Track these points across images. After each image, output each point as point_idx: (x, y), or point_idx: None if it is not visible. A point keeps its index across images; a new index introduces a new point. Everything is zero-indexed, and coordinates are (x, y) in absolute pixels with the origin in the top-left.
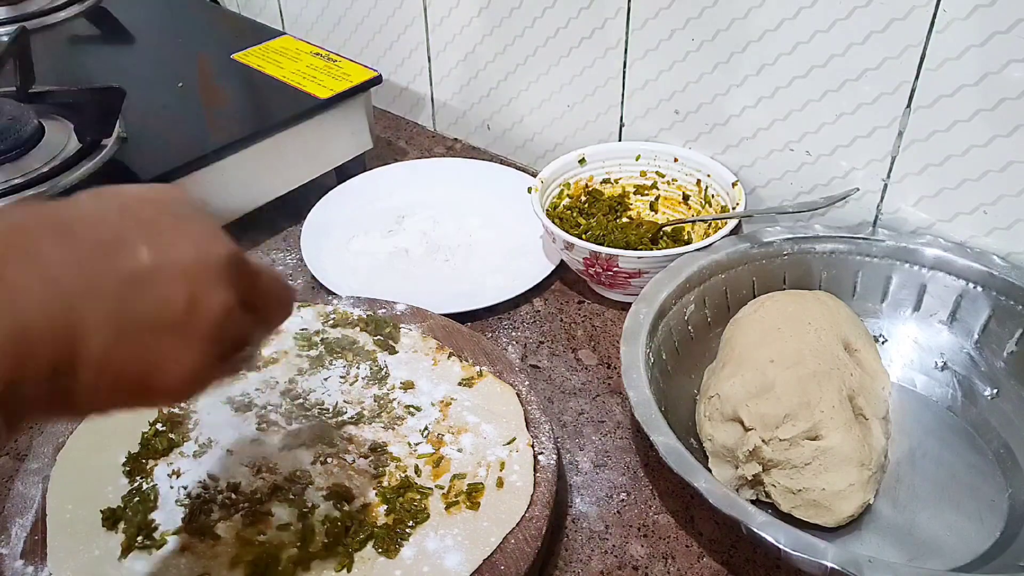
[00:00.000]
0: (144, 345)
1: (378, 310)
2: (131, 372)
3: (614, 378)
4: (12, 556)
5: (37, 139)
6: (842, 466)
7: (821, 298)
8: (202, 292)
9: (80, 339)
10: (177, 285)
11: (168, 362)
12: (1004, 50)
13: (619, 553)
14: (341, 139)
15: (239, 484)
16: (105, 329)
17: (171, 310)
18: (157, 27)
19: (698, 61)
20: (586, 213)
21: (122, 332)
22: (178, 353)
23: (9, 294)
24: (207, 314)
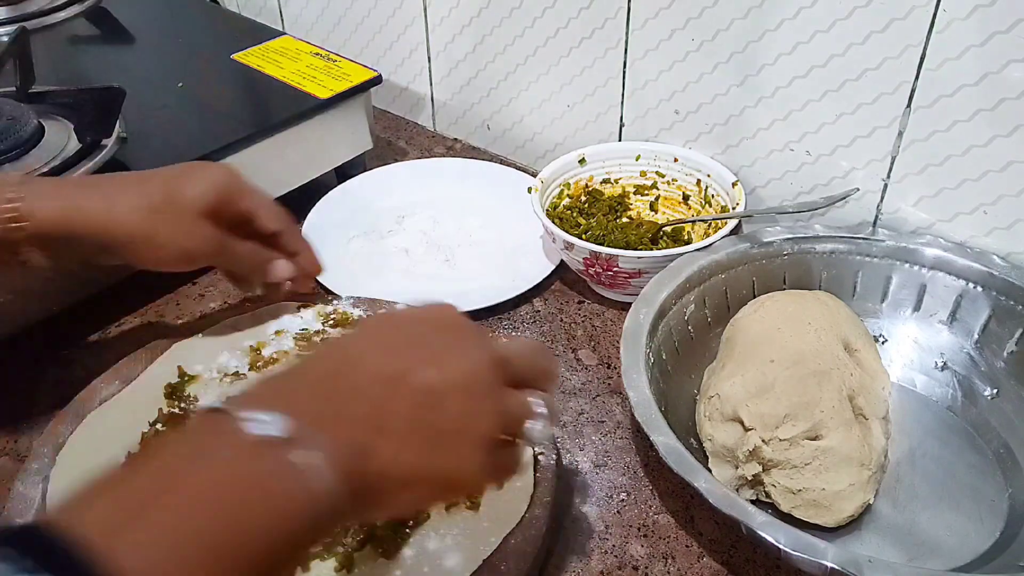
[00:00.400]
0: (440, 451)
1: (378, 310)
2: (432, 477)
3: (614, 378)
4: None
5: (37, 139)
6: (842, 466)
7: (821, 298)
8: (476, 400)
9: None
10: (458, 397)
11: (462, 461)
12: (1004, 50)
13: (619, 553)
14: (341, 139)
15: None
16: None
17: (456, 420)
18: (157, 27)
19: (698, 61)
20: (586, 213)
21: (420, 445)
22: (468, 452)
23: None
24: (484, 426)
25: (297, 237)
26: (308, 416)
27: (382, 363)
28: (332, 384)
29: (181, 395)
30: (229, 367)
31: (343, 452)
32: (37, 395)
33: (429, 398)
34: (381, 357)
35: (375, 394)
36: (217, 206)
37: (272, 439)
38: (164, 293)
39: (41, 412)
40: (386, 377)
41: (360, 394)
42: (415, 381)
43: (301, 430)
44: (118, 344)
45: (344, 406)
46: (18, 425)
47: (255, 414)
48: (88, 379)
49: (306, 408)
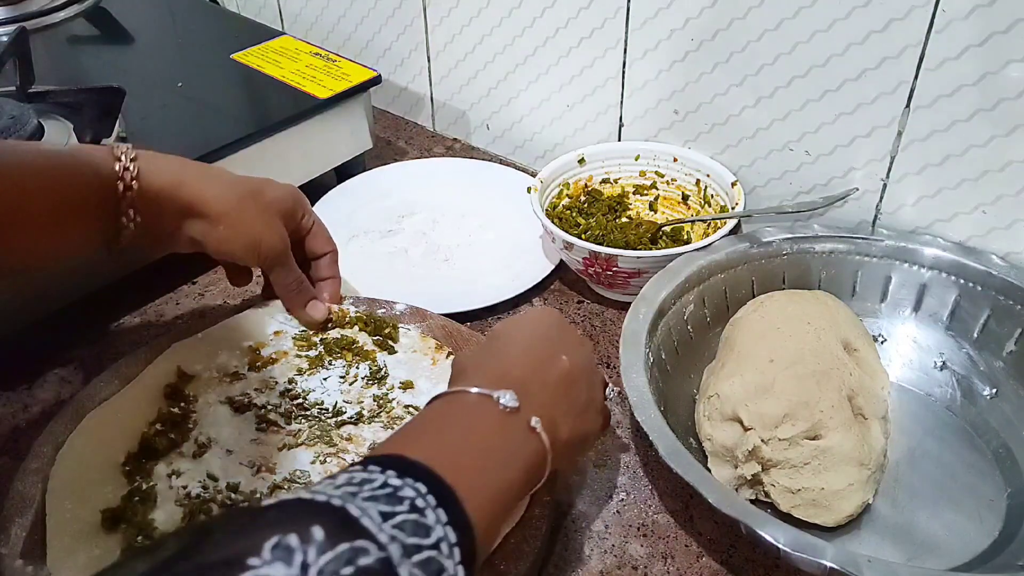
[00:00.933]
0: (584, 418)
1: (378, 310)
2: (583, 437)
3: (614, 378)
4: (12, 556)
5: (37, 139)
6: (841, 466)
7: (820, 298)
8: (595, 381)
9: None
10: (584, 378)
11: (595, 423)
12: (1003, 50)
13: (619, 553)
14: (341, 139)
15: (239, 484)
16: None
17: (586, 395)
18: (157, 27)
19: (697, 61)
20: (585, 213)
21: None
22: (595, 415)
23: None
24: (599, 393)
25: (335, 264)
26: (513, 382)
27: (537, 352)
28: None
29: (181, 395)
30: (229, 367)
31: (546, 420)
32: (37, 395)
33: (568, 379)
34: (535, 348)
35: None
36: (291, 213)
37: (513, 410)
38: (164, 292)
39: (41, 412)
40: (540, 363)
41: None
42: (556, 370)
43: (523, 403)
44: (117, 344)
45: (534, 385)
46: (17, 425)
47: (498, 393)
48: (88, 379)
49: (514, 382)
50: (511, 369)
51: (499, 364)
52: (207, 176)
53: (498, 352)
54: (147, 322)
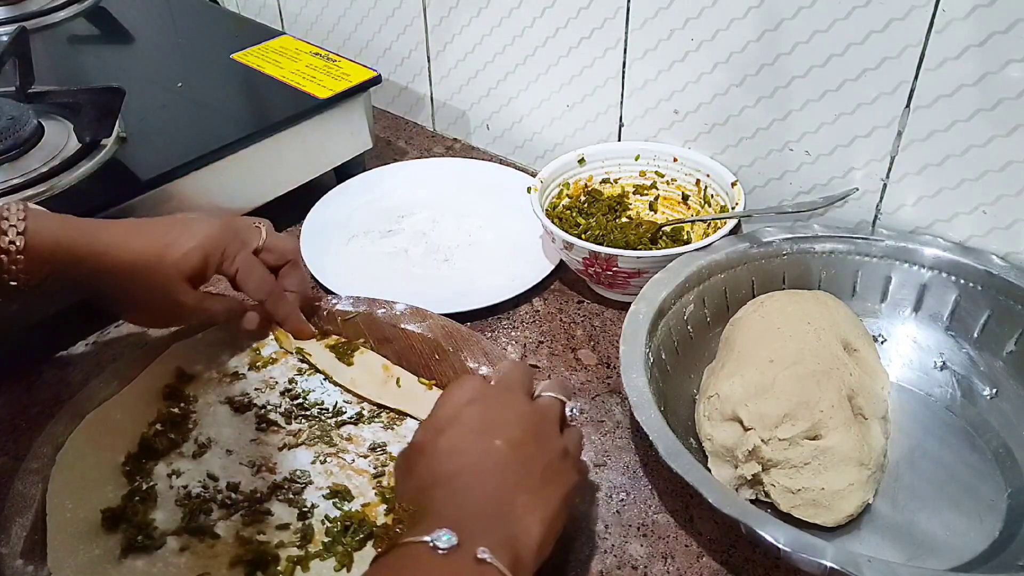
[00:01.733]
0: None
1: (378, 310)
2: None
3: (614, 378)
4: (12, 556)
5: (37, 139)
6: (841, 466)
7: (820, 298)
8: (544, 435)
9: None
10: (532, 442)
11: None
12: (1003, 50)
13: (618, 553)
14: (340, 139)
15: (239, 484)
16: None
17: (540, 460)
18: (157, 27)
19: (697, 61)
20: (585, 213)
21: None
22: (559, 466)
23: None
24: (554, 443)
25: (281, 304)
26: (450, 523)
27: (468, 459)
28: (445, 491)
29: (180, 395)
30: (228, 367)
31: (497, 536)
32: (37, 395)
33: (510, 462)
34: (464, 455)
35: (480, 485)
36: (200, 268)
37: (452, 548)
38: None
39: (41, 412)
40: (475, 473)
41: (469, 490)
42: (491, 465)
43: (464, 533)
44: (117, 344)
45: (465, 504)
46: (18, 425)
47: (432, 536)
48: (87, 379)
49: (446, 518)
50: (443, 497)
51: (431, 495)
52: (109, 241)
53: (425, 478)
54: None
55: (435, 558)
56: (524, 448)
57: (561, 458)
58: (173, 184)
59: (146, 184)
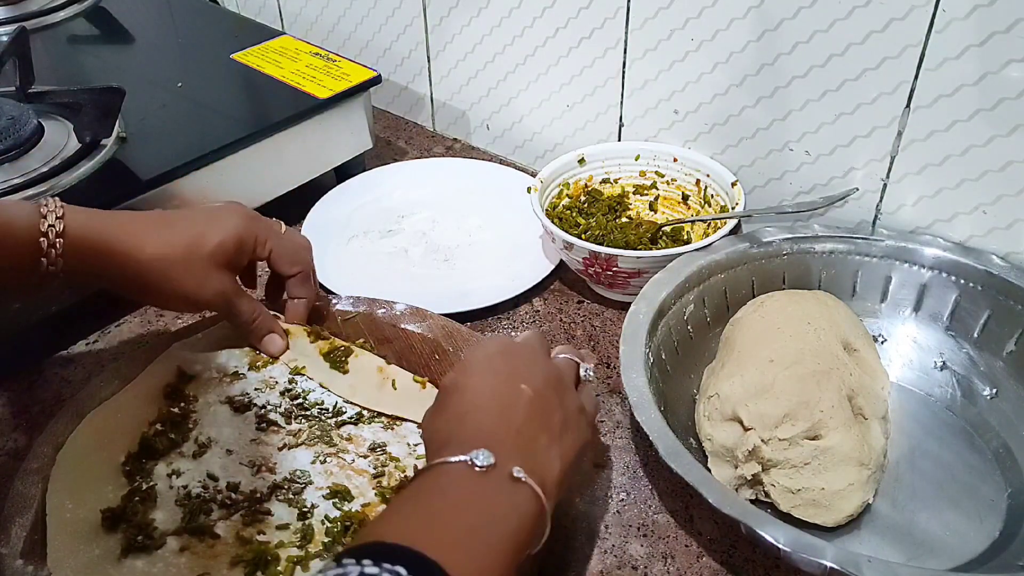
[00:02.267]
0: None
1: (378, 310)
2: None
3: (614, 378)
4: (12, 556)
5: (37, 139)
6: (841, 466)
7: (820, 298)
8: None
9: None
10: (553, 394)
11: (579, 429)
12: (1003, 50)
13: (619, 553)
14: (340, 139)
15: (239, 484)
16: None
17: (560, 412)
18: (157, 27)
19: (697, 61)
20: (585, 213)
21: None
22: (576, 419)
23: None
24: (572, 398)
25: (305, 284)
26: (484, 445)
27: (497, 395)
28: (477, 417)
29: (180, 395)
30: (228, 367)
31: (529, 462)
32: (37, 394)
33: (536, 407)
34: (494, 392)
35: (509, 417)
36: (237, 254)
37: (490, 467)
38: None
39: (41, 411)
40: (504, 406)
41: (500, 419)
42: (521, 405)
43: (499, 454)
44: (118, 343)
45: (506, 432)
46: (18, 424)
47: (471, 454)
48: (88, 378)
49: (479, 440)
50: (477, 423)
51: (464, 422)
52: (139, 233)
53: (459, 409)
54: (147, 322)
55: (473, 475)
56: (546, 397)
57: (578, 413)
58: (173, 184)
59: (146, 184)
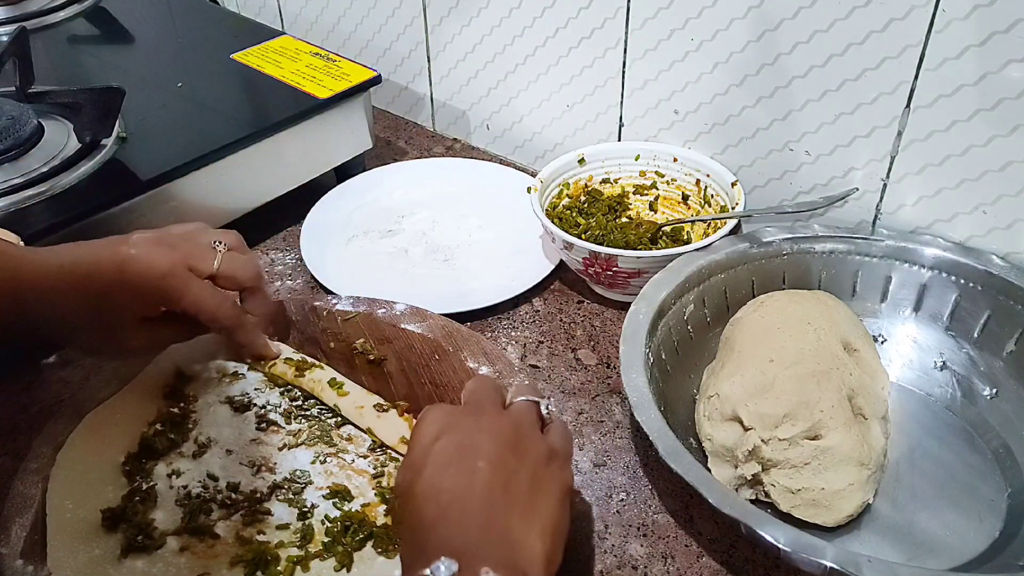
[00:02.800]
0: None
1: (378, 310)
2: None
3: (614, 378)
4: (12, 556)
5: (37, 139)
6: (841, 466)
7: (820, 298)
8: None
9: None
10: (513, 457)
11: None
12: (1003, 50)
13: (619, 553)
14: (340, 139)
15: (239, 484)
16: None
17: (526, 474)
18: (157, 27)
19: (697, 61)
20: (585, 213)
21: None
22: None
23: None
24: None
25: (240, 331)
26: (453, 550)
27: (450, 491)
28: (437, 531)
29: (180, 395)
30: (227, 367)
31: (498, 555)
32: (37, 394)
33: (497, 483)
34: (445, 488)
35: (471, 516)
36: (155, 308)
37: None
38: None
39: (41, 411)
40: (460, 502)
41: (461, 523)
42: (479, 488)
43: (464, 559)
44: None
45: (460, 536)
46: (18, 425)
47: (431, 568)
48: (87, 378)
49: (447, 546)
50: (439, 536)
51: (424, 533)
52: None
53: (415, 520)
54: None
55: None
56: (506, 464)
57: (547, 462)
58: (173, 184)
59: (146, 184)
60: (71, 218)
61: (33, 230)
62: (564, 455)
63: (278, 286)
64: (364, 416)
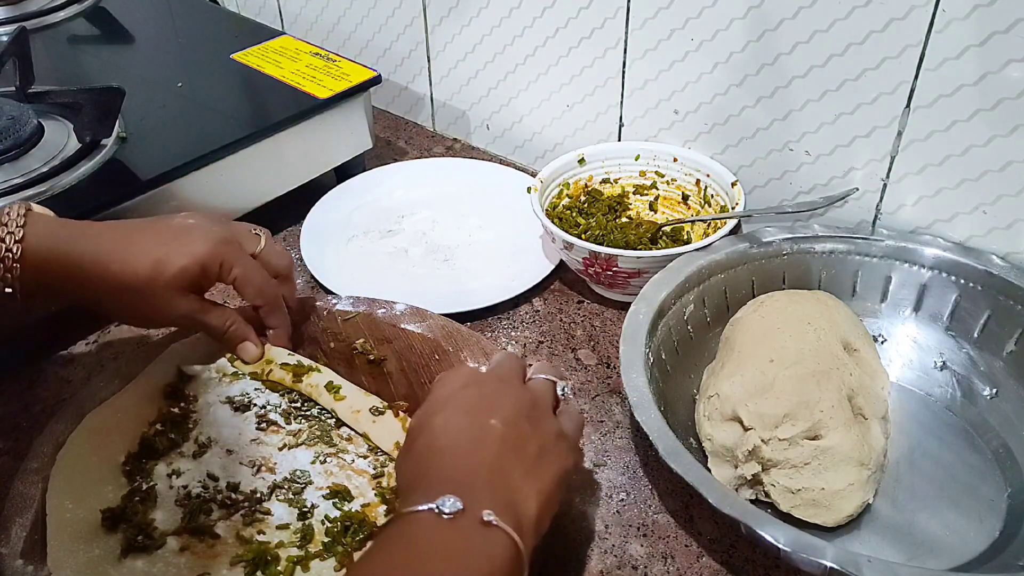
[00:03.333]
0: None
1: (378, 310)
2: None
3: (614, 378)
4: (12, 556)
5: (37, 139)
6: (841, 466)
7: (820, 298)
8: (538, 416)
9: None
10: (527, 424)
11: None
12: (1003, 50)
13: (619, 553)
14: (341, 139)
15: (239, 484)
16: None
17: (535, 442)
18: (157, 27)
19: (697, 61)
20: (585, 213)
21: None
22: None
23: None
24: (548, 425)
25: (277, 313)
26: (451, 490)
27: (465, 434)
28: (443, 460)
29: (181, 395)
30: (228, 367)
31: (502, 503)
32: (38, 394)
33: (508, 441)
34: (461, 430)
35: (477, 456)
36: (198, 280)
37: (459, 513)
38: None
39: (42, 411)
40: (472, 446)
41: (468, 459)
42: (491, 441)
43: (468, 499)
44: (118, 343)
45: (475, 473)
46: (19, 424)
47: (437, 502)
48: (88, 378)
49: (446, 484)
50: (444, 466)
51: (431, 466)
52: (102, 254)
53: (425, 452)
54: None
55: (441, 524)
56: (519, 428)
57: (556, 439)
58: (173, 184)
59: (146, 184)
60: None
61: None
62: (572, 439)
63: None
64: (360, 421)
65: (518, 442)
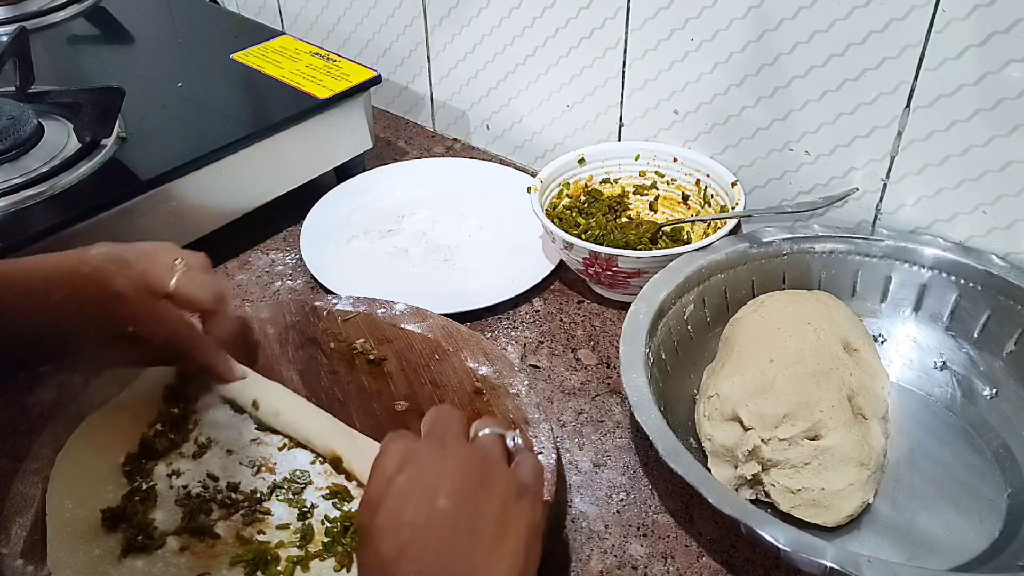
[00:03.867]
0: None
1: (378, 310)
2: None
3: (613, 378)
4: (12, 556)
5: (37, 139)
6: (841, 466)
7: (820, 298)
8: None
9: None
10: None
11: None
12: (1003, 50)
13: (619, 553)
14: (340, 139)
15: (238, 484)
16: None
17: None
18: (157, 27)
19: (697, 61)
20: (585, 213)
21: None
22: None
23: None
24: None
25: (200, 353)
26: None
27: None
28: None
29: (180, 395)
30: None
31: None
32: (37, 396)
33: (460, 518)
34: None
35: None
36: (121, 327)
37: None
38: None
39: (41, 413)
40: (420, 541)
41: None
42: (441, 524)
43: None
44: None
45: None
46: (18, 426)
47: None
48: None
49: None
50: (395, 566)
51: (384, 568)
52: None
53: (376, 561)
54: None
55: None
56: (470, 500)
57: (517, 497)
58: (173, 184)
59: (146, 184)
60: (71, 218)
61: (33, 230)
62: (534, 491)
63: (278, 286)
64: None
65: (473, 518)
